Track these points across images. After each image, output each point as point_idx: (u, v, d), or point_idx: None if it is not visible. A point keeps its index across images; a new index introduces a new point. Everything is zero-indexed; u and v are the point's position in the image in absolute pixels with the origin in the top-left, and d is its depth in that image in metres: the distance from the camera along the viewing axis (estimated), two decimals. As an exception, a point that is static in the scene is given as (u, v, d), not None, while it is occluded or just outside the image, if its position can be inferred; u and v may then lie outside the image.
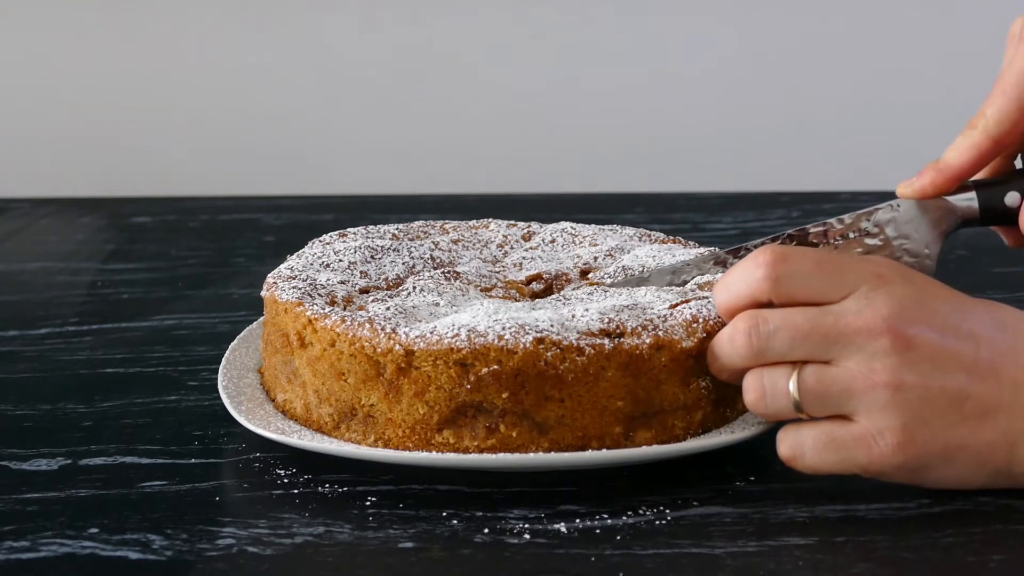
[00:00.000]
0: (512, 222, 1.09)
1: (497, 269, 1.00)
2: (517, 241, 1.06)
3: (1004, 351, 0.80)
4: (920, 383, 0.79)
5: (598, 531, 0.82)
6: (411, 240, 1.05)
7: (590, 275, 0.99)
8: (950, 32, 1.80)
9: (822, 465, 0.81)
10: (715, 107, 1.82)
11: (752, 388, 0.83)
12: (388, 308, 0.90)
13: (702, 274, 0.95)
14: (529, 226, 1.08)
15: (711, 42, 1.80)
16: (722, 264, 0.95)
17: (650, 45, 1.80)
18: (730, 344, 0.83)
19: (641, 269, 0.97)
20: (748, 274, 0.83)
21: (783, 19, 1.80)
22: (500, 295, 0.96)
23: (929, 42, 1.80)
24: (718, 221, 1.48)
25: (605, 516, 0.83)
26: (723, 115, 1.82)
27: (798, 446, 0.82)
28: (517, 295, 0.97)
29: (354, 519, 0.83)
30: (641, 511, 0.84)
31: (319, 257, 0.99)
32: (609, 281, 0.96)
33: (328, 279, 0.95)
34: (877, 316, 0.79)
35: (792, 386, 0.81)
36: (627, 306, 0.89)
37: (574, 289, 0.96)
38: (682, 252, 1.00)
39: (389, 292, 0.95)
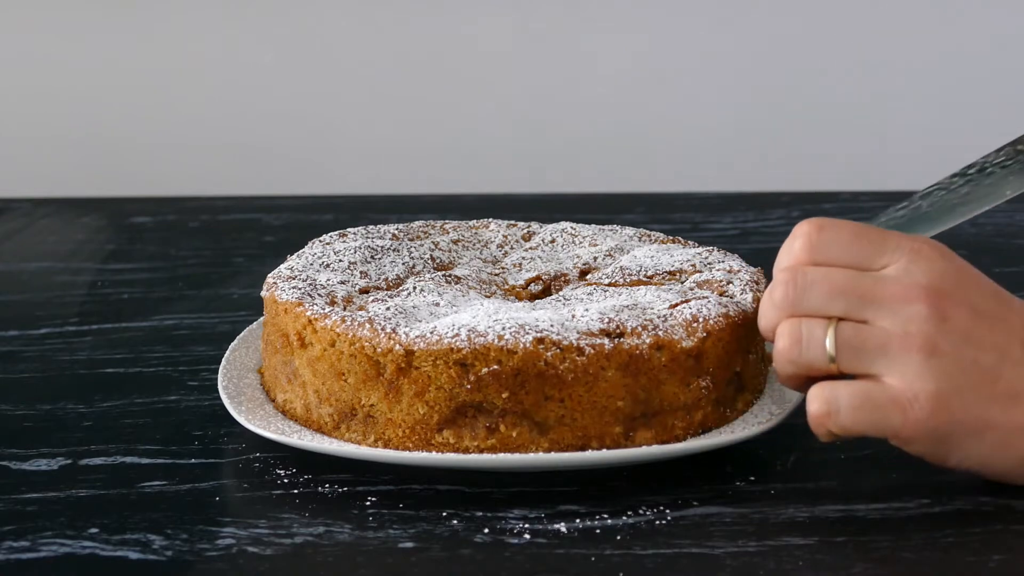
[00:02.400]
0: (512, 222, 1.09)
1: (497, 270, 1.00)
2: (517, 241, 1.06)
3: None
4: (953, 352, 0.78)
5: (598, 531, 0.82)
6: (411, 240, 1.05)
7: (588, 276, 0.99)
8: (950, 31, 1.80)
9: (855, 424, 0.79)
10: (715, 107, 1.82)
11: (787, 334, 0.81)
12: (388, 308, 0.90)
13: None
14: (529, 226, 1.08)
15: (711, 42, 1.80)
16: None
17: (650, 45, 1.80)
18: (769, 297, 0.82)
19: (639, 270, 0.97)
20: (787, 245, 0.82)
21: (783, 19, 1.79)
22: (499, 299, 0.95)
23: (929, 41, 1.80)
24: (718, 221, 1.48)
25: (605, 516, 0.83)
26: (723, 115, 1.82)
27: (833, 401, 0.80)
28: (516, 301, 0.96)
29: (354, 519, 0.83)
30: (641, 511, 0.84)
31: (319, 257, 0.99)
32: (607, 282, 0.97)
33: (328, 279, 0.95)
34: (915, 284, 0.79)
35: (829, 337, 0.79)
36: (627, 306, 0.89)
37: (573, 289, 0.96)
38: (680, 252, 1.00)
39: (389, 292, 0.95)
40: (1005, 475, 0.82)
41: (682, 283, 0.96)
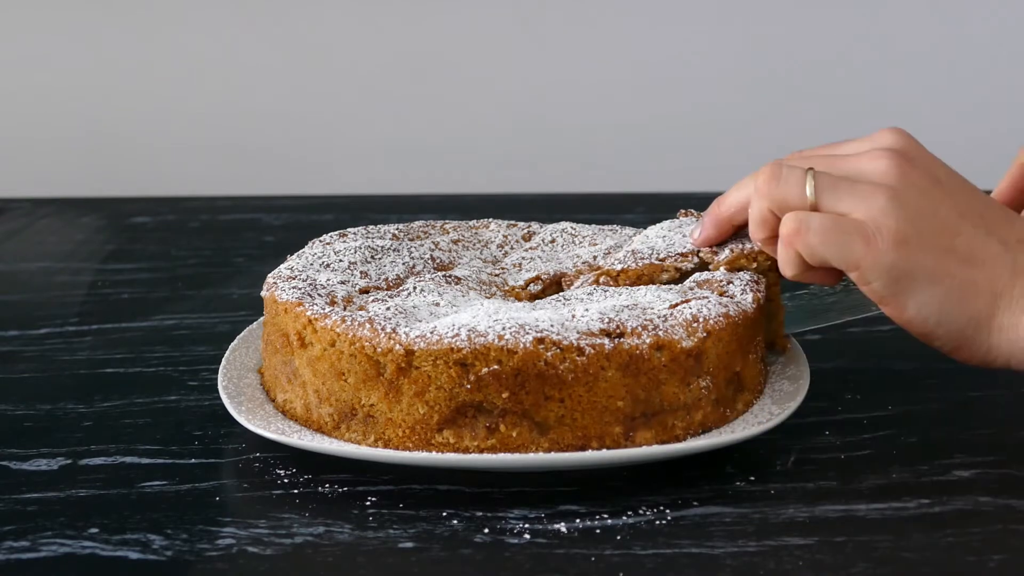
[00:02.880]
0: (512, 222, 1.09)
1: (497, 270, 1.00)
2: (517, 241, 1.06)
3: (999, 218, 0.85)
4: (916, 200, 0.84)
5: (598, 531, 0.82)
6: (411, 240, 1.05)
7: (599, 260, 0.99)
8: (947, 30, 1.79)
9: (822, 245, 0.84)
10: (716, 106, 1.82)
11: (768, 172, 0.87)
12: (388, 308, 0.90)
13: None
14: (529, 226, 1.08)
15: (712, 42, 1.80)
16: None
17: (650, 45, 1.80)
18: (750, 177, 0.89)
19: (650, 252, 0.97)
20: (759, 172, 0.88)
21: (784, 19, 1.79)
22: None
23: (930, 41, 1.80)
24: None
25: (605, 516, 0.83)
26: (724, 114, 1.82)
27: (805, 221, 0.84)
28: (516, 301, 0.96)
29: (354, 519, 0.83)
30: (641, 511, 0.84)
31: (319, 257, 0.99)
32: (620, 266, 0.96)
33: (328, 279, 0.95)
34: (880, 148, 0.86)
35: (809, 178, 0.85)
36: (627, 306, 0.89)
37: (581, 284, 0.96)
38: (692, 225, 0.99)
39: (389, 292, 0.94)
40: (958, 335, 0.85)
41: (694, 265, 0.95)
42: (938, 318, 0.84)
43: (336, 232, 1.05)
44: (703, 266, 0.95)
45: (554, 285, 0.99)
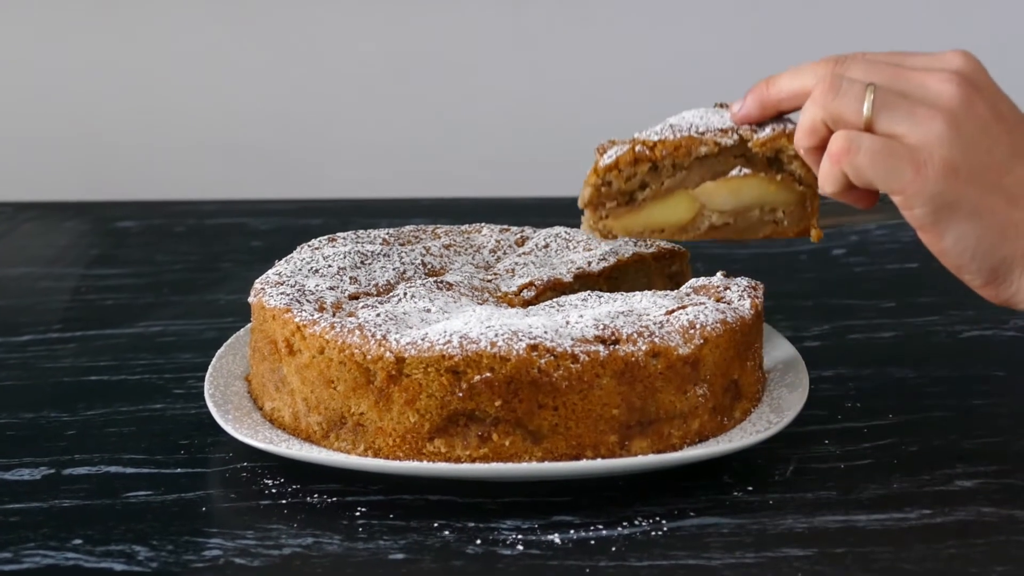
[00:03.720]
0: (505, 227, 1.09)
1: (490, 276, 1.00)
2: (510, 246, 1.06)
3: None
4: (972, 132, 0.82)
5: (593, 542, 0.81)
6: (402, 245, 1.04)
7: (638, 135, 0.95)
8: (951, 30, 1.79)
9: (870, 167, 0.82)
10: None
11: (827, 81, 0.84)
12: (378, 314, 0.89)
13: None
14: (523, 231, 1.08)
15: (707, 43, 1.80)
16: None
17: (645, 48, 1.80)
18: (810, 66, 0.86)
19: (688, 127, 0.94)
20: (819, 62, 0.86)
21: (780, 20, 1.79)
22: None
23: (931, 42, 1.79)
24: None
25: (600, 527, 0.83)
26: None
27: (856, 140, 0.82)
28: (509, 307, 0.96)
29: (343, 530, 0.83)
30: (637, 522, 0.83)
31: (308, 262, 0.98)
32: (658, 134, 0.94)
33: (317, 285, 0.94)
34: (949, 69, 0.83)
35: (869, 94, 0.82)
36: (622, 312, 0.88)
37: (609, 157, 0.93)
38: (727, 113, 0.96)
39: (379, 298, 0.94)
40: (989, 272, 0.84)
41: (734, 141, 0.92)
42: (973, 252, 0.83)
43: (325, 237, 1.05)
44: (742, 143, 0.92)
45: (548, 291, 0.98)
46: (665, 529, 0.82)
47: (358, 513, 0.84)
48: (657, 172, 0.93)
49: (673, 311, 0.89)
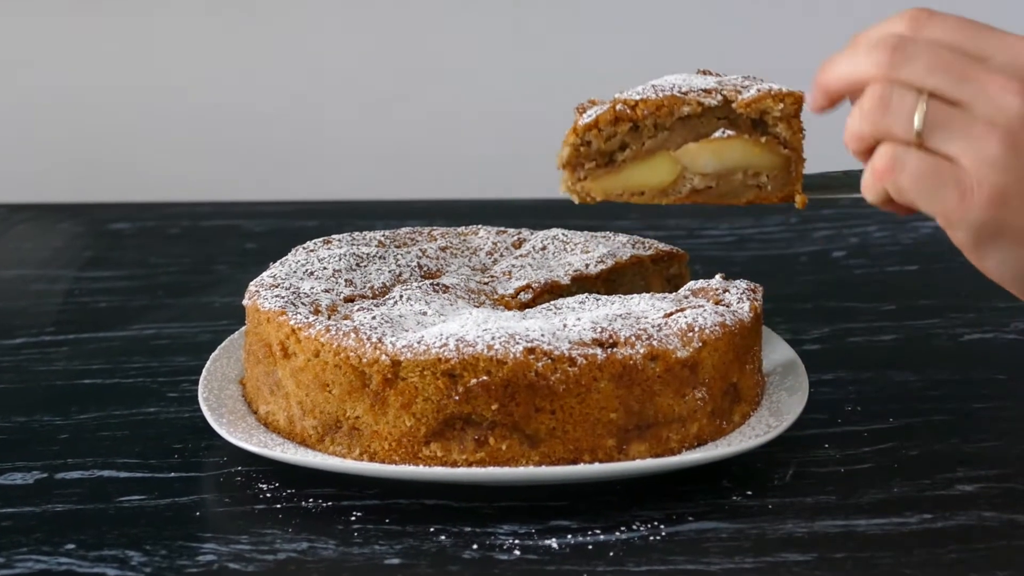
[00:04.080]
0: (502, 228, 1.08)
1: (486, 278, 1.00)
2: (507, 248, 1.05)
3: None
4: None
5: (590, 547, 0.81)
6: (398, 247, 1.04)
7: (619, 94, 0.93)
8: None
9: (912, 189, 0.77)
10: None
11: (877, 94, 0.78)
12: (374, 317, 0.89)
13: None
14: (519, 233, 1.07)
15: (703, 46, 1.79)
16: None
17: (642, 48, 1.79)
18: (867, 50, 0.79)
19: (671, 87, 0.92)
20: (890, 20, 0.79)
21: (778, 22, 1.79)
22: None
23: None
24: (714, 228, 1.47)
25: (598, 532, 0.82)
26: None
27: (901, 159, 0.77)
28: (506, 310, 0.96)
29: (339, 535, 0.82)
30: (635, 526, 0.83)
31: (303, 265, 0.98)
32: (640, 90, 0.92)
33: (312, 287, 0.94)
34: (1016, 77, 0.76)
35: (920, 108, 0.76)
36: (620, 315, 0.88)
37: (587, 116, 0.92)
38: (713, 79, 0.94)
39: (375, 301, 0.93)
40: None
41: (717, 102, 0.90)
42: (1015, 274, 0.79)
43: (320, 239, 1.05)
44: (726, 104, 0.90)
45: (545, 294, 0.98)
46: (663, 534, 0.82)
47: (353, 518, 0.84)
48: (638, 132, 0.90)
49: (671, 314, 0.89)
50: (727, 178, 0.90)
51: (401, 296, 0.93)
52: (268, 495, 0.87)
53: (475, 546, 0.81)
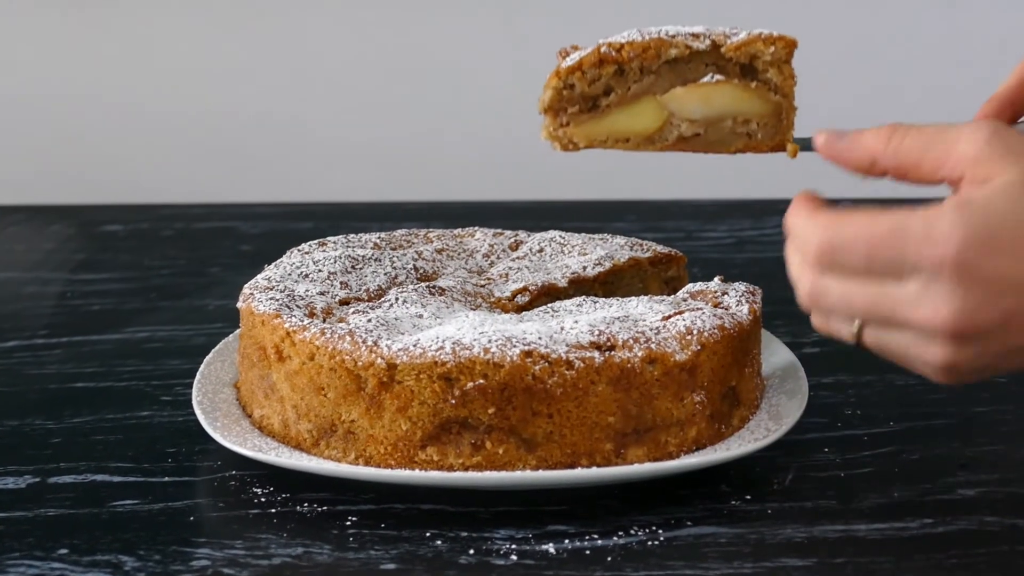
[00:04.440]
0: (498, 231, 1.08)
1: (483, 281, 0.99)
2: (504, 251, 1.05)
3: None
4: (975, 364, 0.74)
5: (588, 552, 0.80)
6: (393, 249, 1.04)
7: (609, 39, 0.92)
8: (938, 38, 1.79)
9: (876, 351, 0.76)
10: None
11: (817, 322, 0.78)
12: (369, 320, 0.89)
13: None
14: (516, 235, 1.07)
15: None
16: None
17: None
18: (798, 300, 0.79)
19: (658, 31, 0.89)
20: (797, 255, 0.78)
21: (777, 23, 1.78)
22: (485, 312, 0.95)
23: (934, 49, 1.79)
24: (713, 229, 1.48)
25: (595, 536, 0.82)
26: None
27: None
28: (503, 313, 0.95)
29: (334, 539, 0.82)
30: (633, 531, 0.82)
31: (298, 267, 0.98)
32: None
33: (307, 290, 0.94)
34: (935, 314, 0.73)
35: (855, 337, 0.76)
36: (618, 318, 0.88)
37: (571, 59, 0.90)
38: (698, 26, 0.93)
39: (370, 303, 0.93)
40: (1006, 371, 0.77)
41: (706, 46, 0.88)
42: (985, 376, 0.76)
43: (315, 241, 1.05)
44: (715, 48, 0.88)
45: (542, 296, 0.97)
46: (662, 539, 0.82)
47: (349, 522, 0.84)
48: (623, 76, 0.87)
49: (670, 317, 0.89)
50: (716, 125, 0.87)
51: (397, 299, 0.93)
52: (263, 499, 0.86)
53: (472, 551, 0.81)
